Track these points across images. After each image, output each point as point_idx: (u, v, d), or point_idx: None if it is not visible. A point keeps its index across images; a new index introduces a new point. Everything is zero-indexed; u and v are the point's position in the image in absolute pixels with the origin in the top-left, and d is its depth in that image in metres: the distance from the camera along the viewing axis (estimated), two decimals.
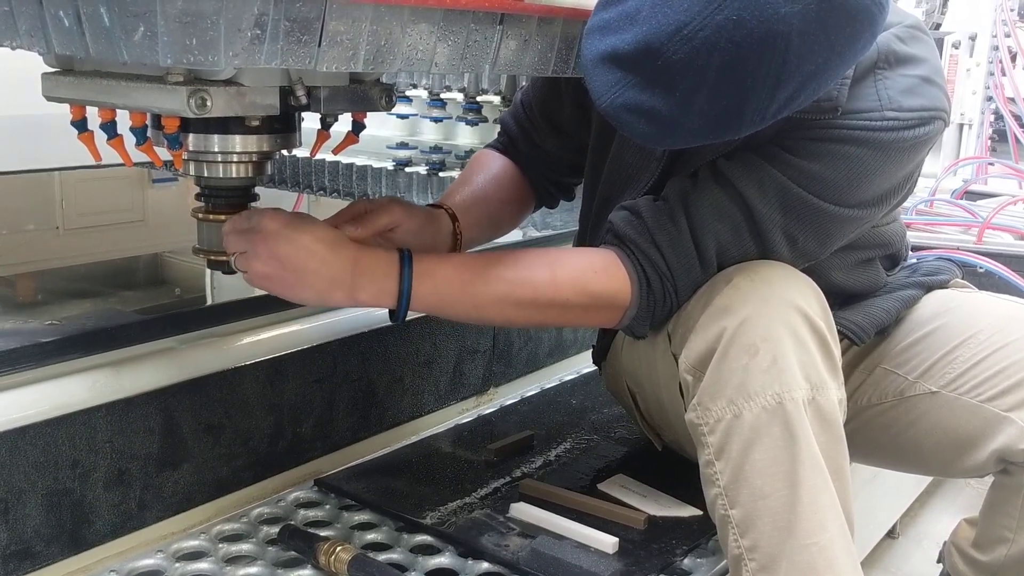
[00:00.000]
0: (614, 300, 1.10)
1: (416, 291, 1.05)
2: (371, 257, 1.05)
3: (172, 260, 3.06)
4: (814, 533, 0.98)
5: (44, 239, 2.73)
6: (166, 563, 1.13)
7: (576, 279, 1.09)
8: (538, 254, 1.13)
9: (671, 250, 1.09)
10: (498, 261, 1.09)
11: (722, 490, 1.03)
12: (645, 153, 1.19)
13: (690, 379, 1.06)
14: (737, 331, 1.01)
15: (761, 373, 0.99)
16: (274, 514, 1.25)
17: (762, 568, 1.00)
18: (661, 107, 0.91)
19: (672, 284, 1.10)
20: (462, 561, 1.15)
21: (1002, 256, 2.06)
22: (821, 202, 1.07)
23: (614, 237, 1.13)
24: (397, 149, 2.90)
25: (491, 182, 1.36)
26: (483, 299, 1.07)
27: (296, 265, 1.01)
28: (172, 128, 0.95)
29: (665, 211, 1.10)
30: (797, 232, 1.09)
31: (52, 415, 1.07)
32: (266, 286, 1.04)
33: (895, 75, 1.06)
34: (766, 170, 1.07)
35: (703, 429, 1.04)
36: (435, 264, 1.07)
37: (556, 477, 1.34)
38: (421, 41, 0.87)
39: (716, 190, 1.08)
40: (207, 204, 1.09)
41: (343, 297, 1.04)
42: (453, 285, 1.07)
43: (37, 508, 1.07)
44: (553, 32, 0.99)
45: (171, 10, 0.72)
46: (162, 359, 1.19)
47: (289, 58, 0.79)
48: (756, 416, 1.00)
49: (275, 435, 1.32)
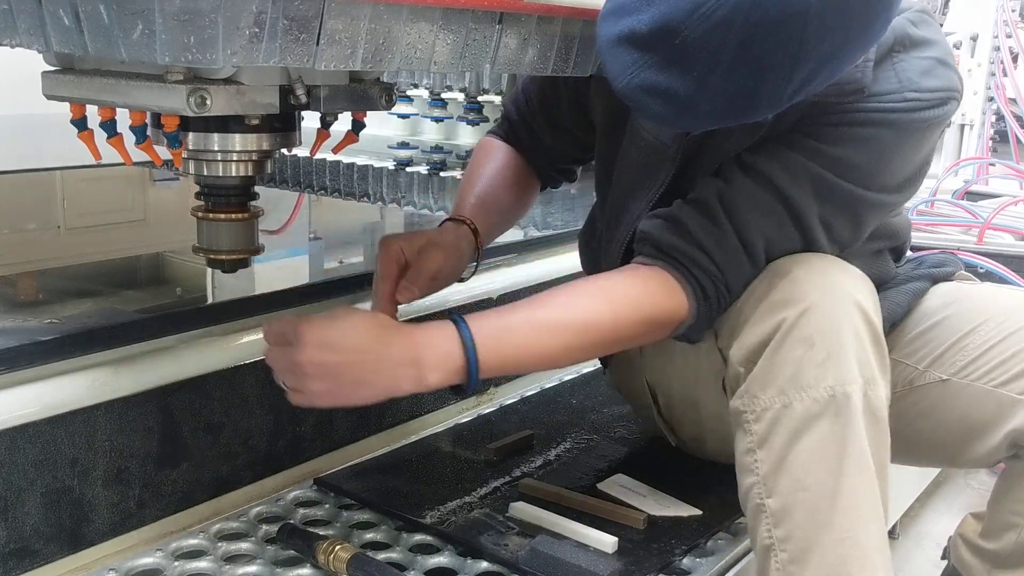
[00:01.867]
0: (673, 317, 1.10)
1: (483, 362, 1.01)
2: (426, 336, 1.01)
3: (173, 259, 3.06)
4: (852, 528, 0.99)
5: (45, 238, 2.73)
6: (165, 561, 1.13)
7: (635, 310, 1.08)
8: (592, 289, 1.11)
9: (719, 251, 1.08)
10: (557, 308, 1.07)
11: (760, 479, 1.03)
12: (657, 154, 1.19)
13: (742, 370, 1.06)
14: (796, 323, 1.01)
15: (816, 366, 1.00)
16: (273, 513, 1.25)
17: (792, 559, 1.00)
18: (678, 87, 0.90)
19: (724, 285, 1.09)
20: (461, 560, 1.15)
21: (1002, 256, 2.06)
22: (851, 187, 1.08)
23: (654, 248, 1.12)
24: (398, 149, 2.90)
25: (498, 176, 1.36)
26: (551, 352, 1.06)
27: (353, 375, 0.98)
28: (172, 127, 0.95)
29: (705, 213, 1.09)
30: (832, 219, 1.09)
31: (51, 413, 1.07)
32: (329, 402, 0.99)
33: (911, 57, 1.07)
34: (794, 159, 1.07)
35: (748, 417, 1.04)
36: (493, 326, 1.04)
37: (556, 477, 1.34)
38: (420, 40, 0.87)
39: (751, 185, 1.08)
40: (207, 203, 1.09)
41: (412, 386, 1.00)
42: (519, 347, 1.05)
43: (36, 506, 1.07)
44: (552, 31, 0.99)
45: (169, 8, 0.72)
46: (162, 358, 1.19)
47: (288, 56, 0.79)
48: (807, 407, 1.00)
49: (274, 434, 1.32)
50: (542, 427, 1.52)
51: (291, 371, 0.99)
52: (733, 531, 1.25)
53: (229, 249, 1.10)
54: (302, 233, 2.58)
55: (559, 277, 1.81)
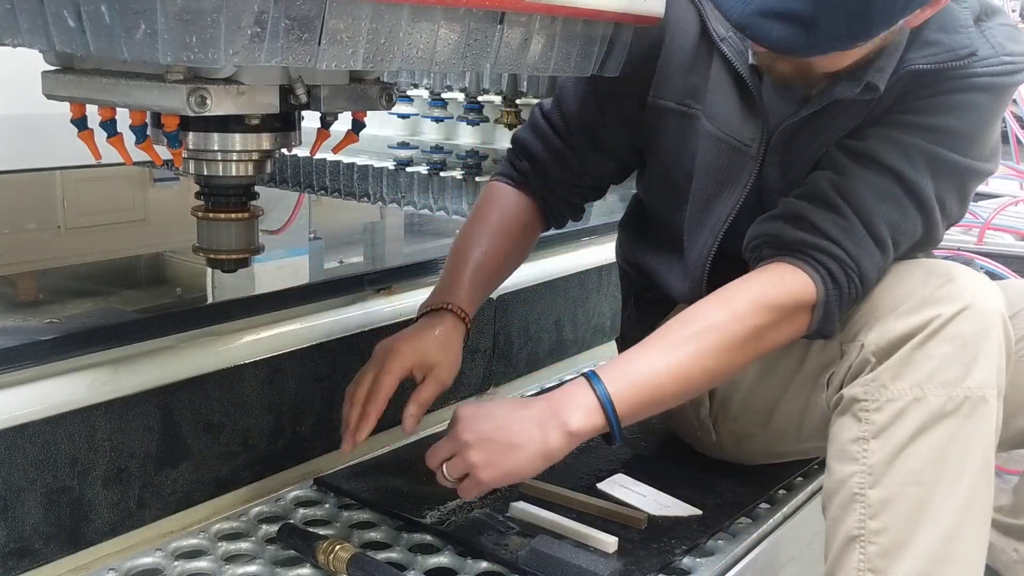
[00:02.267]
0: (800, 302, 1.08)
1: (615, 394, 1.05)
2: (560, 390, 1.09)
3: (173, 259, 3.06)
4: (961, 528, 1.00)
5: (46, 238, 2.73)
6: (165, 561, 1.13)
7: (755, 301, 1.08)
8: (705, 301, 1.12)
9: (849, 240, 1.08)
10: (673, 328, 1.10)
11: (867, 468, 1.03)
12: (739, 155, 1.19)
13: (873, 360, 1.05)
14: (950, 320, 1.02)
15: (961, 365, 1.01)
16: (273, 513, 1.25)
17: (883, 552, 1.01)
18: (796, 6, 0.90)
19: (858, 273, 1.08)
20: (461, 560, 1.15)
21: (1003, 257, 2.06)
22: (960, 157, 1.09)
23: (774, 248, 1.12)
24: (398, 149, 2.90)
25: (502, 239, 1.31)
26: (681, 368, 1.06)
27: (506, 438, 1.05)
28: (172, 126, 0.95)
29: (825, 205, 1.09)
30: (945, 195, 1.11)
31: (51, 413, 1.07)
32: (492, 475, 1.06)
33: (995, 24, 1.09)
34: (904, 139, 1.08)
35: (867, 406, 1.04)
36: (618, 365, 1.09)
37: (556, 476, 1.34)
38: (421, 39, 0.87)
39: (866, 172, 1.09)
40: (207, 203, 1.09)
41: (558, 435, 1.05)
42: (646, 372, 1.07)
43: (36, 506, 1.07)
44: (554, 30, 0.99)
45: (171, 8, 0.72)
46: (162, 357, 1.19)
47: (289, 56, 0.79)
48: (941, 404, 1.01)
49: (274, 434, 1.32)
50: None
51: (453, 450, 1.07)
52: (733, 531, 1.25)
53: (229, 249, 1.10)
54: (302, 233, 2.58)
55: (558, 278, 1.81)
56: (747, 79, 1.16)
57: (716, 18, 1.19)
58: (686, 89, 1.23)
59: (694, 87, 1.23)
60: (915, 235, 1.12)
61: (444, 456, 1.09)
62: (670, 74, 1.24)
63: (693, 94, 1.23)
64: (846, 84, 1.08)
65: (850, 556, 1.03)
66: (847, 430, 1.06)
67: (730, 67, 1.18)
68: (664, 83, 1.25)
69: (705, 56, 1.21)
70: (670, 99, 1.25)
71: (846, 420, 1.07)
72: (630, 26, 1.08)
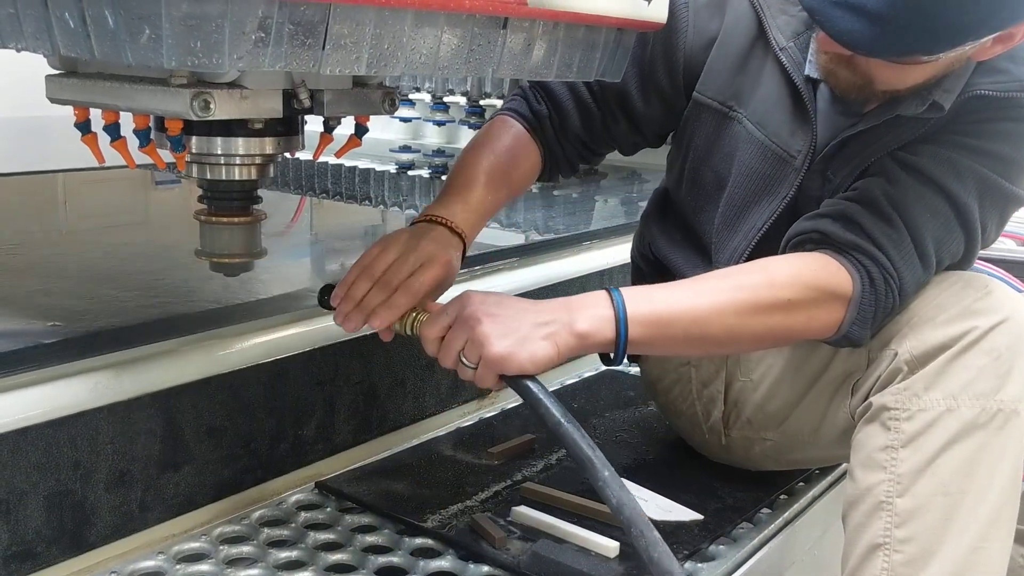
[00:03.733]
0: (836, 291, 1.07)
1: (632, 313, 1.02)
2: (578, 297, 1.06)
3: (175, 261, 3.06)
4: (987, 539, 1.00)
5: (48, 240, 2.73)
6: (167, 565, 1.13)
7: (794, 275, 1.07)
8: (746, 264, 1.12)
9: (896, 251, 1.08)
10: (708, 277, 1.09)
11: (895, 476, 1.03)
12: (783, 165, 1.19)
13: (905, 368, 1.05)
14: (987, 332, 1.02)
15: (996, 378, 1.01)
16: (275, 516, 1.25)
17: (909, 561, 1.01)
18: (871, 1, 0.90)
19: (898, 284, 1.08)
20: (463, 564, 1.15)
21: (1004, 262, 2.06)
22: (1008, 184, 1.10)
23: (816, 244, 1.11)
24: (400, 152, 2.90)
25: (503, 174, 1.25)
26: (702, 311, 1.04)
27: (516, 316, 1.01)
28: (175, 130, 0.95)
29: (877, 213, 1.09)
30: (988, 220, 1.11)
31: (54, 416, 1.07)
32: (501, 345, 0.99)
33: None
34: (958, 159, 1.08)
35: (897, 415, 1.04)
36: (644, 289, 1.07)
37: (557, 481, 1.34)
38: (424, 44, 0.87)
39: (918, 187, 1.09)
40: (210, 206, 1.09)
41: (563, 329, 1.01)
42: (669, 302, 1.05)
43: (38, 509, 1.07)
44: (556, 36, 0.99)
45: (176, 13, 0.73)
46: (164, 361, 1.19)
47: (293, 61, 0.79)
48: (974, 416, 1.01)
49: (276, 437, 1.32)
50: (544, 431, 1.51)
51: (464, 333, 1.00)
52: (735, 536, 1.25)
53: (232, 253, 1.10)
54: (304, 236, 2.58)
55: (561, 281, 1.81)
56: (802, 91, 1.16)
57: (777, 27, 1.19)
58: (731, 90, 1.23)
59: (739, 89, 1.23)
60: (957, 255, 1.12)
61: (458, 345, 1.01)
62: (718, 72, 1.24)
63: (737, 96, 1.23)
64: (911, 101, 1.08)
65: (873, 564, 1.03)
66: (875, 438, 1.06)
67: (786, 77, 1.18)
68: (710, 80, 1.25)
69: (759, 60, 1.21)
70: (713, 97, 1.25)
71: (874, 428, 1.06)
72: (632, 32, 1.08)
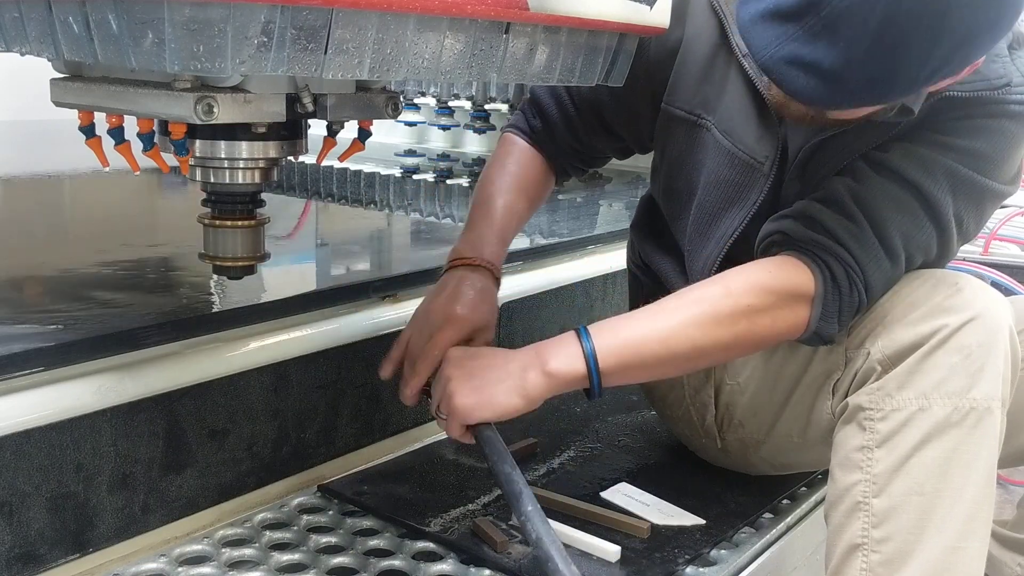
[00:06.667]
0: (797, 292, 1.08)
1: (599, 347, 1.07)
2: (548, 340, 1.11)
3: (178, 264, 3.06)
4: (964, 538, 1.00)
5: (50, 242, 2.74)
6: (169, 567, 1.13)
7: (751, 282, 1.09)
8: (704, 280, 1.14)
9: (857, 246, 1.08)
10: (668, 299, 1.12)
11: (871, 477, 1.03)
12: (751, 172, 1.19)
13: (879, 368, 1.06)
14: (957, 330, 1.02)
15: (967, 376, 1.01)
16: (277, 519, 1.25)
17: (886, 562, 1.01)
18: (823, 59, 0.91)
19: (863, 280, 1.09)
20: (464, 568, 1.15)
21: (1008, 267, 2.06)
22: (984, 179, 1.09)
23: (779, 246, 1.12)
24: (405, 156, 2.91)
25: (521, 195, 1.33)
26: (665, 330, 1.07)
27: (493, 374, 1.08)
28: (179, 134, 0.95)
29: (839, 210, 1.09)
30: (963, 214, 1.11)
31: (57, 418, 1.07)
32: (464, 400, 1.08)
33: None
34: (928, 155, 1.08)
35: (872, 415, 1.05)
36: (609, 321, 1.11)
37: (559, 485, 1.34)
38: (427, 49, 0.88)
39: (885, 182, 1.09)
40: (214, 210, 1.10)
41: (537, 373, 1.07)
42: (633, 328, 1.09)
43: (41, 511, 1.08)
44: (558, 40, 0.99)
45: (179, 17, 0.73)
46: (167, 364, 1.19)
47: (295, 65, 0.79)
48: (947, 415, 1.01)
49: (279, 440, 1.32)
50: (546, 435, 1.52)
51: (442, 386, 1.10)
52: (736, 541, 1.25)
53: (235, 256, 1.10)
54: (308, 240, 2.58)
55: (564, 285, 1.81)
56: (766, 97, 1.16)
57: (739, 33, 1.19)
58: (698, 98, 1.23)
59: (706, 97, 1.22)
60: (929, 249, 1.12)
61: (437, 397, 1.11)
62: (684, 81, 1.24)
63: (705, 104, 1.23)
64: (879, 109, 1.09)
65: (852, 564, 1.04)
66: (852, 438, 1.06)
67: (750, 84, 1.18)
68: (677, 90, 1.25)
69: (722, 67, 1.21)
70: (681, 107, 1.25)
71: (851, 428, 1.07)
72: (635, 36, 1.09)
